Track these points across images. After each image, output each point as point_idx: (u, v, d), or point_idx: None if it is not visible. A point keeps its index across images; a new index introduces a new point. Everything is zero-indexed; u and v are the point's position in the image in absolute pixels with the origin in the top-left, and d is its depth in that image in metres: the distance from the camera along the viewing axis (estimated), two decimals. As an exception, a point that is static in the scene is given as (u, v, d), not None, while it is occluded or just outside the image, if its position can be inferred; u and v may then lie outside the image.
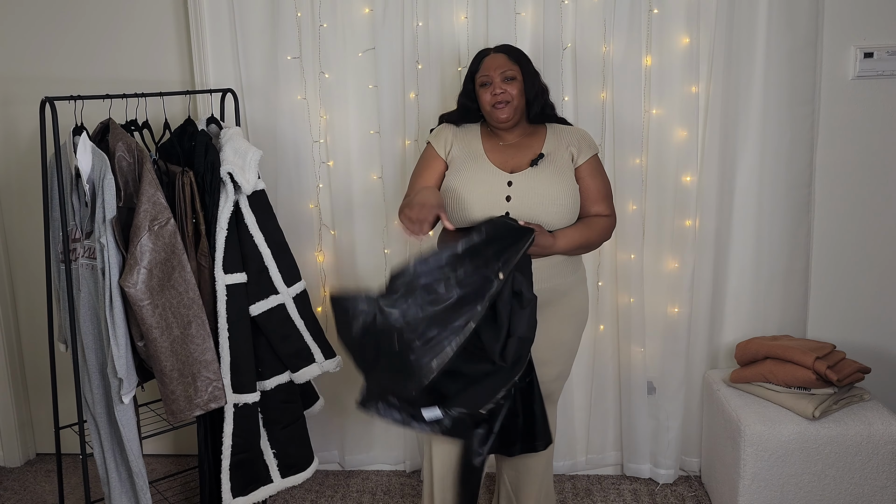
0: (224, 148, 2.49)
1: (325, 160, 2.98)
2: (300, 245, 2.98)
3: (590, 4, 2.77)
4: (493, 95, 2.31)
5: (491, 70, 2.32)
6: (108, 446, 2.48)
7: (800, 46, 2.77)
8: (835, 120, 2.87)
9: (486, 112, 2.35)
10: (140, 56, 3.04)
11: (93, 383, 2.44)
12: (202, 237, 2.45)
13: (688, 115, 2.83)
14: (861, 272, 2.99)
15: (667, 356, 3.00)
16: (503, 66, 2.32)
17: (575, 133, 2.42)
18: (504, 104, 2.30)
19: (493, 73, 2.32)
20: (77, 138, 2.35)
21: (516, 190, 2.28)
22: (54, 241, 2.60)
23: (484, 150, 2.36)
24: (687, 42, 2.78)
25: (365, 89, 2.92)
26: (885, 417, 2.61)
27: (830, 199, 2.94)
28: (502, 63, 2.33)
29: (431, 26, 2.82)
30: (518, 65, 2.34)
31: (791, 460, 2.59)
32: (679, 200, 2.89)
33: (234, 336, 2.47)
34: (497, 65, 2.33)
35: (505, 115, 2.31)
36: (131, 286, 2.26)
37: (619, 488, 3.07)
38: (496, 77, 2.31)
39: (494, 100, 2.31)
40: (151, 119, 2.70)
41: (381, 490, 3.11)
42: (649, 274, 2.95)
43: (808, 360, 2.61)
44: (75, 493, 3.12)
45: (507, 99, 2.30)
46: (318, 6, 2.84)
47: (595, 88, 2.83)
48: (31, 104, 2.91)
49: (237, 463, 2.54)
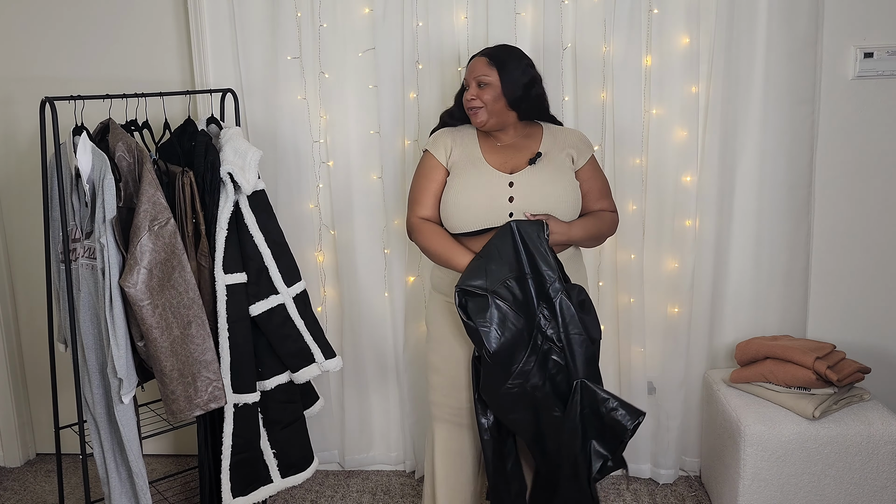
0: (224, 148, 2.49)
1: (325, 160, 2.98)
2: (300, 245, 2.98)
3: (590, 4, 2.77)
4: (466, 101, 2.36)
5: (469, 75, 2.36)
6: (108, 446, 2.48)
7: (800, 46, 2.77)
8: (835, 120, 2.87)
9: (468, 114, 2.38)
10: (140, 56, 3.04)
11: (93, 383, 2.44)
12: (202, 237, 2.45)
13: (688, 115, 2.83)
14: (861, 272, 2.99)
15: (667, 356, 3.00)
16: (479, 71, 2.34)
17: (571, 135, 2.42)
18: (475, 109, 2.34)
19: (469, 78, 2.36)
20: (77, 138, 2.36)
21: (518, 190, 2.28)
22: (54, 241, 2.60)
23: (482, 153, 2.37)
24: (687, 42, 2.78)
25: (365, 89, 2.92)
26: (885, 417, 2.61)
27: (830, 199, 2.94)
28: (479, 68, 2.34)
29: (431, 26, 2.82)
30: (496, 68, 2.32)
31: (791, 460, 2.59)
32: (679, 200, 2.89)
33: (234, 336, 2.47)
34: (474, 70, 2.35)
35: (479, 120, 2.35)
36: (131, 286, 2.26)
37: (618, 488, 3.07)
38: (471, 82, 2.35)
39: (467, 105, 2.36)
40: (151, 119, 2.70)
41: (381, 490, 3.11)
42: (649, 274, 2.95)
43: (808, 360, 2.61)
44: (75, 493, 3.12)
45: (477, 105, 2.33)
46: (318, 6, 2.84)
47: (595, 88, 2.83)
48: (31, 104, 2.91)
49: (237, 463, 2.54)
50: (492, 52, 2.37)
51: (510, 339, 2.16)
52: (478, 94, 2.33)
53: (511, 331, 2.16)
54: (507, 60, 2.34)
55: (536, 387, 2.18)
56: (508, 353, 2.17)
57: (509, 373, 2.17)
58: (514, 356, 2.17)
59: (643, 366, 2.97)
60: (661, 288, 2.97)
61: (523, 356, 2.17)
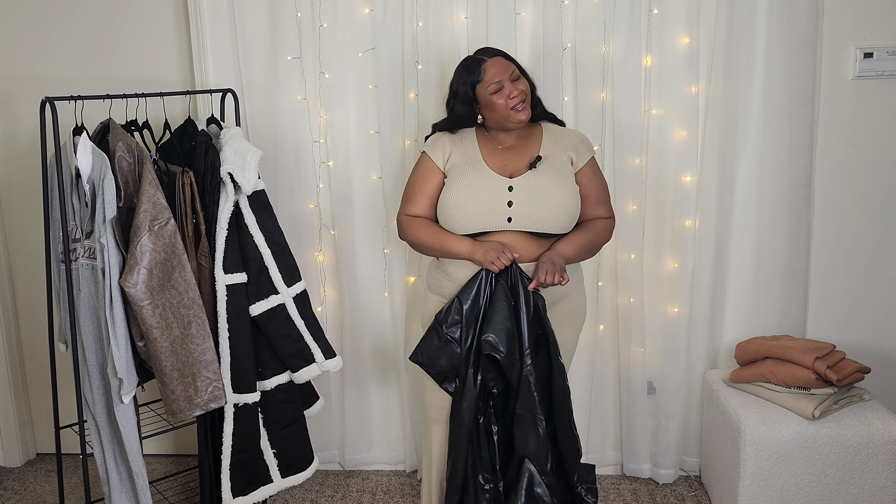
0: (224, 148, 2.49)
1: (325, 160, 2.98)
2: (300, 245, 2.98)
3: (590, 4, 2.77)
4: (510, 98, 2.29)
5: (498, 75, 2.30)
6: (108, 446, 2.48)
7: (799, 46, 2.77)
8: (835, 120, 2.87)
9: (503, 116, 2.32)
10: (140, 56, 3.04)
11: (93, 383, 2.44)
12: (202, 237, 2.45)
13: (688, 115, 2.83)
14: (861, 272, 2.99)
15: (667, 356, 3.00)
16: (507, 68, 2.31)
17: (572, 136, 2.42)
18: (523, 102, 2.30)
19: (501, 78, 2.30)
20: (77, 138, 2.35)
21: (517, 195, 2.28)
22: (54, 241, 2.60)
23: (482, 156, 2.36)
24: (687, 42, 2.78)
25: (365, 89, 2.92)
26: (885, 417, 2.61)
27: (830, 199, 2.94)
28: (504, 65, 2.32)
29: (431, 26, 2.82)
30: (514, 64, 2.35)
31: (791, 460, 2.59)
32: (679, 200, 2.89)
33: (234, 336, 2.47)
34: (501, 69, 2.31)
35: (526, 114, 2.31)
36: (131, 286, 2.26)
37: (618, 488, 3.07)
38: (505, 80, 2.30)
39: (514, 101, 2.29)
40: (151, 119, 2.70)
41: (381, 490, 3.11)
42: (649, 274, 2.95)
43: (807, 360, 2.61)
44: (75, 493, 3.12)
45: (523, 97, 2.30)
46: (318, 6, 2.84)
47: (595, 89, 2.83)
48: (31, 104, 2.91)
49: (237, 463, 2.54)
50: (498, 51, 2.37)
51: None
52: (518, 89, 2.29)
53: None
54: (510, 56, 2.36)
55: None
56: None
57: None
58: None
59: (643, 366, 2.97)
60: (660, 288, 2.97)
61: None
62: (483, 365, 2.21)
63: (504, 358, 2.16)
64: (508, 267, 2.21)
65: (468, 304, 2.21)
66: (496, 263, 2.20)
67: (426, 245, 2.36)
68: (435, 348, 2.24)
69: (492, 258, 2.20)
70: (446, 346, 2.23)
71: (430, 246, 2.34)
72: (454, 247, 2.28)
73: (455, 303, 2.23)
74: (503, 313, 2.17)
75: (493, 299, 2.20)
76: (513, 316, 2.18)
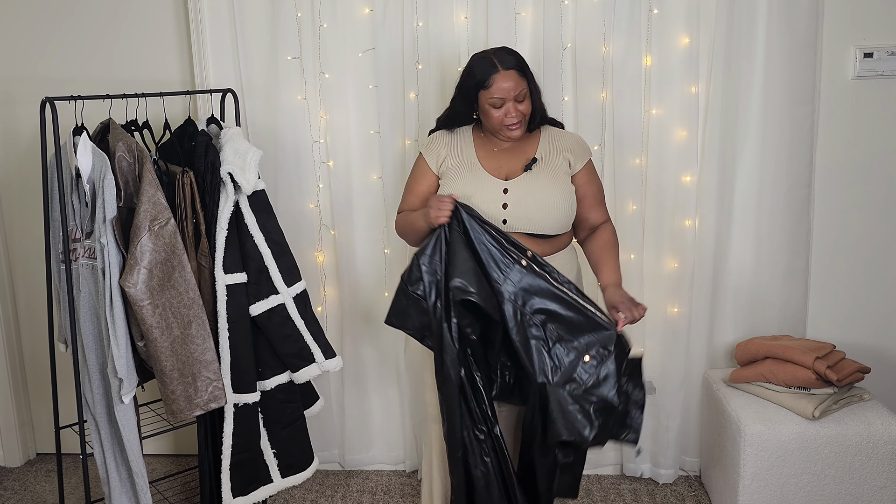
0: (224, 148, 2.49)
1: (325, 160, 2.98)
2: (300, 245, 2.98)
3: (590, 4, 2.77)
4: (507, 116, 2.26)
5: (504, 93, 2.25)
6: (108, 446, 2.48)
7: (799, 46, 2.77)
8: (835, 120, 2.88)
9: (495, 129, 2.31)
10: (140, 56, 3.04)
11: (93, 383, 2.44)
12: (202, 237, 2.45)
13: (688, 115, 2.83)
14: (861, 272, 2.99)
15: (667, 356, 3.00)
16: (516, 86, 2.25)
17: (570, 138, 2.41)
18: (518, 123, 2.28)
19: (506, 97, 2.25)
20: (77, 138, 2.35)
21: (512, 197, 2.28)
22: (54, 241, 2.60)
23: (477, 158, 2.36)
24: (687, 42, 2.78)
25: (365, 89, 2.92)
26: (885, 417, 2.61)
27: (830, 199, 2.94)
28: (515, 83, 2.25)
29: (431, 26, 2.82)
30: (526, 80, 2.28)
31: (791, 460, 2.59)
32: (679, 200, 2.89)
33: (234, 336, 2.47)
34: (510, 87, 2.24)
35: (518, 133, 2.30)
36: (131, 286, 2.26)
37: (618, 488, 3.07)
38: (509, 99, 2.25)
39: (510, 121, 2.27)
40: (151, 119, 2.70)
41: (381, 490, 3.11)
42: (649, 274, 2.95)
43: (807, 360, 2.61)
44: (75, 493, 3.12)
45: (520, 118, 2.28)
46: (318, 6, 2.84)
47: (595, 89, 2.83)
48: (31, 104, 2.91)
49: (237, 463, 2.54)
50: (517, 62, 2.28)
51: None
52: (518, 111, 2.27)
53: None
54: (526, 68, 2.30)
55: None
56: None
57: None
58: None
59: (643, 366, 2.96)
60: (660, 288, 2.97)
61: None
62: (458, 312, 2.19)
63: (479, 296, 2.15)
64: (455, 212, 2.20)
65: (425, 258, 2.21)
66: (440, 216, 2.19)
67: (404, 232, 2.40)
68: (403, 308, 2.25)
69: (434, 214, 2.20)
70: (415, 304, 2.23)
71: (407, 232, 2.38)
72: (416, 223, 2.30)
73: (414, 260, 2.23)
74: (462, 254, 2.17)
75: (449, 247, 2.20)
76: (472, 255, 2.18)
